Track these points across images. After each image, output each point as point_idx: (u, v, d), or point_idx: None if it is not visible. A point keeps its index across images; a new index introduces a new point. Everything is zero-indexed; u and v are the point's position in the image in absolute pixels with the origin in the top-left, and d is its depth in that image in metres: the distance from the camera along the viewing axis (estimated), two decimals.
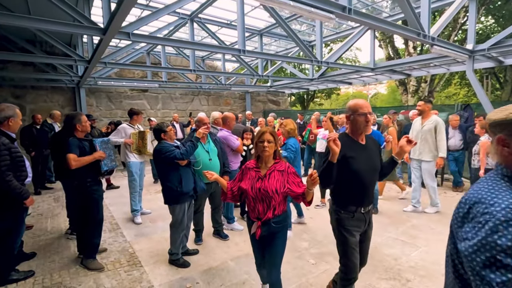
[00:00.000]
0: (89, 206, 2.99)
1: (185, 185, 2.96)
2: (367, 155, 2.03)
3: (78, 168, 2.86)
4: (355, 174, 1.96)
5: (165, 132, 3.00)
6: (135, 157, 4.35)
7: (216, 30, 6.91)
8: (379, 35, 12.73)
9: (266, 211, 2.01)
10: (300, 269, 2.97)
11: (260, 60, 8.07)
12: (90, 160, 2.95)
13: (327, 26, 8.37)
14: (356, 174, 1.97)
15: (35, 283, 2.72)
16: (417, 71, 8.10)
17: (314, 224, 4.16)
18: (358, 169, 1.96)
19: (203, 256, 3.29)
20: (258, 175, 2.05)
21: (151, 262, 3.17)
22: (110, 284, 2.73)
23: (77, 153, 2.86)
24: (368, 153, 2.05)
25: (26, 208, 2.77)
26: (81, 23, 3.38)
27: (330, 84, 10.13)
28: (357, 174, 1.97)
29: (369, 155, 2.05)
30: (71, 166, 2.81)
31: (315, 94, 20.22)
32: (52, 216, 4.62)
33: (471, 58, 5.37)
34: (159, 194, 5.91)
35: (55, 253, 3.34)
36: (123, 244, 3.62)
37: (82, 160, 2.89)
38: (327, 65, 5.96)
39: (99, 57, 4.72)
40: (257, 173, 2.06)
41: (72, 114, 3.07)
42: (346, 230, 2.03)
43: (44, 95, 8.07)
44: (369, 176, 2.04)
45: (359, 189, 2.01)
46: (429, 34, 4.24)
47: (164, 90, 10.27)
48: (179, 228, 3.03)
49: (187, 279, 2.81)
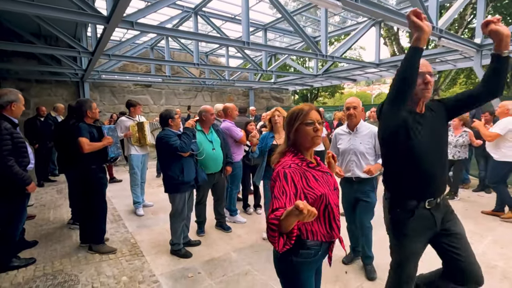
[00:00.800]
0: (94, 194, 3.00)
1: (186, 174, 2.93)
2: (429, 126, 1.52)
3: (85, 156, 2.87)
4: (411, 153, 1.47)
5: (173, 118, 2.97)
6: (137, 150, 4.33)
7: (220, 25, 6.87)
8: (384, 32, 12.61)
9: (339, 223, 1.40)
10: None
11: (264, 55, 8.02)
12: (101, 146, 2.99)
13: (332, 22, 8.31)
14: (414, 153, 1.47)
15: (36, 270, 2.70)
16: None
17: None
18: (416, 146, 1.46)
19: (205, 247, 3.25)
20: (322, 171, 1.40)
21: (152, 252, 3.13)
22: (112, 272, 2.70)
23: (88, 137, 2.86)
24: (430, 124, 1.53)
25: (28, 195, 2.76)
26: (85, 10, 3.36)
27: (334, 80, 10.05)
28: (414, 153, 1.47)
29: (432, 127, 1.53)
30: (84, 150, 2.82)
31: (318, 93, 20.12)
32: (55, 207, 4.62)
33: (479, 52, 5.28)
34: (161, 188, 5.87)
35: (56, 242, 3.32)
36: (125, 234, 3.59)
37: (94, 145, 2.92)
38: (332, 59, 5.90)
39: (102, 48, 4.70)
40: (318, 169, 1.38)
41: (82, 100, 3.08)
42: (403, 235, 1.53)
43: (48, 89, 8.09)
44: (433, 155, 1.50)
45: (421, 173, 1.48)
46: (437, 26, 4.17)
47: (167, 86, 10.26)
48: (179, 217, 2.99)
49: (189, 269, 2.78)
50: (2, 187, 2.54)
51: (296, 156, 1.36)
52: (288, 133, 1.40)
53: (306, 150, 1.39)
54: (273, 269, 1.50)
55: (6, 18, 5.84)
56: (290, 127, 1.38)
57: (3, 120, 2.54)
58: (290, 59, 9.31)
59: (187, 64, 7.64)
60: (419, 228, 1.50)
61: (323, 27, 5.58)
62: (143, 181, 4.55)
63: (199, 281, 2.57)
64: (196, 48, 6.88)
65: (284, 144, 1.43)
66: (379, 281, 2.51)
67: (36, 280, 2.53)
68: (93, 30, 5.55)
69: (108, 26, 3.54)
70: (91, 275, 2.64)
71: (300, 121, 1.34)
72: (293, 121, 1.37)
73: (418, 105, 1.55)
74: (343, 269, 2.74)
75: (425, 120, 1.53)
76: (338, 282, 2.54)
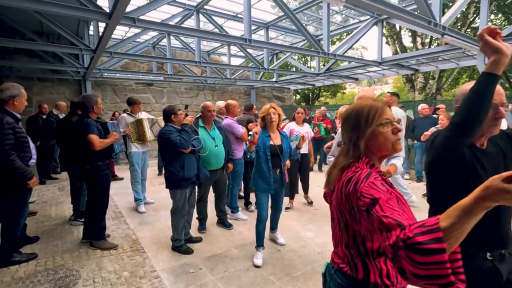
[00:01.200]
0: (99, 189, 3.01)
1: (187, 170, 2.92)
2: (492, 165, 1.27)
3: (91, 152, 2.88)
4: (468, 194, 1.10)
5: (176, 114, 2.97)
6: (137, 147, 4.33)
7: (222, 23, 6.87)
8: (386, 31, 12.56)
9: None
10: (305, 257, 2.90)
11: (266, 54, 8.01)
12: (110, 142, 3.01)
13: (334, 21, 8.29)
14: None
15: (37, 265, 2.70)
16: (425, 65, 7.96)
17: (320, 216, 4.09)
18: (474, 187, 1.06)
19: (206, 243, 3.24)
20: None
21: (154, 248, 3.13)
22: (113, 267, 2.70)
23: (97, 134, 2.87)
24: (493, 161, 1.28)
25: (30, 190, 2.76)
26: (86, 6, 3.36)
27: (336, 79, 10.02)
28: None
29: (494, 165, 1.28)
30: (96, 148, 2.83)
31: (320, 93, 20.07)
32: (57, 204, 4.62)
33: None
34: (162, 186, 5.89)
35: (58, 238, 3.32)
36: (126, 231, 3.59)
37: (104, 142, 2.95)
38: (334, 57, 5.87)
39: (104, 45, 4.70)
40: None
41: (88, 95, 3.10)
42: None
43: (50, 87, 8.11)
44: None
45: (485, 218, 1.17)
46: (440, 23, 4.14)
47: (169, 84, 10.26)
48: (179, 213, 2.99)
49: (190, 265, 2.77)
50: (4, 181, 2.54)
51: (374, 168, 1.00)
52: (357, 140, 1.03)
53: (380, 160, 1.07)
54: (274, 265, 1.48)
55: (7, 16, 5.85)
56: (361, 132, 1.02)
57: (5, 114, 2.54)
58: (292, 58, 9.30)
59: (188, 62, 7.63)
60: (478, 281, 1.20)
61: (325, 24, 5.56)
62: (144, 179, 4.55)
63: (200, 277, 2.56)
64: (198, 46, 6.88)
65: (347, 155, 1.05)
66: None
67: (38, 275, 2.53)
68: (95, 27, 5.56)
69: (110, 22, 3.53)
70: (92, 270, 2.64)
71: (378, 122, 1.01)
72: (365, 122, 1.01)
73: (479, 139, 1.29)
74: None
75: (487, 157, 1.27)
76: None
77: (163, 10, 5.97)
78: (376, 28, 6.24)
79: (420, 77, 11.65)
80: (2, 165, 2.45)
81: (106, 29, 3.90)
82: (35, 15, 4.71)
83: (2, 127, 2.45)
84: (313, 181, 6.20)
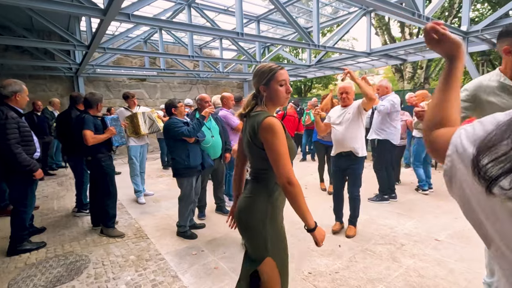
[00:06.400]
0: (103, 180, 3.17)
1: (192, 160, 3.08)
2: None
3: (90, 146, 3.02)
4: None
5: (176, 107, 3.11)
6: (134, 141, 4.43)
7: (213, 17, 6.93)
8: (375, 22, 12.74)
9: None
10: (301, 238, 3.11)
11: (258, 47, 8.11)
12: (105, 137, 3.14)
13: (324, 13, 8.42)
14: None
15: (47, 252, 2.85)
16: (412, 55, 8.19)
17: (313, 202, 4.31)
18: None
19: (207, 229, 3.42)
20: None
21: (157, 235, 3.30)
22: (120, 252, 2.86)
23: (93, 129, 3.01)
24: None
25: (36, 181, 2.88)
26: (81, 3, 3.42)
27: (327, 71, 10.19)
28: None
29: None
30: (88, 143, 2.97)
31: (312, 85, 20.25)
32: (58, 198, 4.73)
33: (465, 39, 5.47)
34: (161, 179, 6.05)
35: (64, 228, 3.46)
36: (129, 220, 3.74)
37: (98, 137, 3.06)
38: (324, 49, 6.03)
39: (98, 41, 4.76)
40: None
41: (95, 93, 3.26)
42: None
43: (42, 84, 8.08)
44: None
45: None
46: (423, 14, 4.33)
47: (162, 79, 10.29)
48: (187, 201, 3.15)
49: (193, 248, 2.95)
50: (11, 173, 2.66)
51: None
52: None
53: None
54: None
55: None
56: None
57: (9, 109, 2.64)
58: (284, 50, 9.41)
59: (181, 56, 7.70)
60: None
61: (315, 17, 5.70)
62: (143, 171, 4.68)
63: (203, 257, 2.75)
64: (190, 40, 6.94)
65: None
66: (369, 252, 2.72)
67: (49, 261, 2.68)
68: (87, 23, 5.58)
69: (105, 18, 3.60)
70: (100, 255, 2.80)
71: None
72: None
73: None
74: None
75: None
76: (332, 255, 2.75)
77: (154, 4, 6.00)
78: (365, 19, 6.40)
79: (408, 67, 11.91)
80: (9, 158, 2.57)
81: (101, 25, 3.97)
82: (26, 10, 4.71)
83: (7, 122, 2.56)
84: (307, 170, 6.44)
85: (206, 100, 3.50)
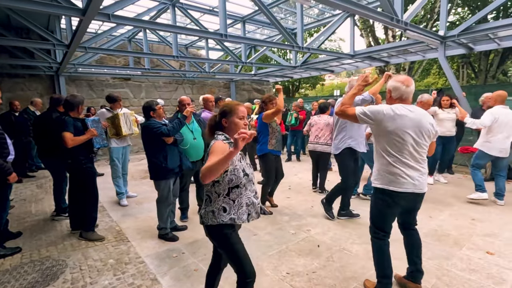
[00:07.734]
0: (85, 183, 3.12)
1: (170, 161, 3.08)
2: None
3: (70, 149, 2.96)
4: None
5: (154, 110, 3.09)
6: (116, 143, 4.38)
7: (198, 17, 6.90)
8: (360, 24, 12.99)
9: None
10: (281, 238, 3.17)
11: (244, 48, 8.13)
12: (85, 139, 3.08)
13: (311, 14, 8.52)
14: None
15: (22, 258, 2.79)
16: (395, 58, 8.41)
17: (295, 202, 4.38)
18: None
19: (188, 231, 3.42)
20: None
21: (138, 237, 3.28)
22: (98, 256, 2.83)
23: (73, 131, 2.96)
24: None
25: (10, 185, 2.81)
26: (59, 3, 3.35)
27: (313, 72, 10.32)
28: None
29: None
30: (68, 145, 2.91)
31: (300, 85, 20.43)
32: (36, 201, 4.61)
33: (443, 44, 5.67)
34: (144, 180, 5.98)
35: (41, 232, 3.38)
36: (109, 223, 3.70)
37: (77, 139, 3.01)
38: (308, 50, 6.12)
39: (78, 41, 4.66)
40: None
41: (77, 95, 3.20)
42: None
43: (21, 83, 7.82)
44: None
45: None
46: (402, 19, 4.46)
47: (147, 79, 10.15)
48: (165, 203, 3.15)
49: (173, 250, 2.95)
50: None
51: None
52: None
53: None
54: (251, 246, 1.69)
55: None
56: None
57: None
58: (270, 51, 9.47)
59: (166, 56, 7.62)
60: None
61: (299, 19, 5.78)
62: (125, 173, 4.62)
63: (183, 260, 2.76)
64: (175, 40, 6.88)
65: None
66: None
67: (24, 266, 2.63)
68: (67, 22, 5.45)
69: (84, 18, 3.54)
70: (78, 259, 2.76)
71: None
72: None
73: None
74: None
75: None
76: None
77: (138, 3, 5.92)
78: (349, 21, 6.52)
79: (392, 69, 12.21)
80: None
81: (80, 25, 3.89)
82: (4, 9, 4.57)
83: None
84: (292, 170, 6.51)
85: (183, 102, 3.50)
